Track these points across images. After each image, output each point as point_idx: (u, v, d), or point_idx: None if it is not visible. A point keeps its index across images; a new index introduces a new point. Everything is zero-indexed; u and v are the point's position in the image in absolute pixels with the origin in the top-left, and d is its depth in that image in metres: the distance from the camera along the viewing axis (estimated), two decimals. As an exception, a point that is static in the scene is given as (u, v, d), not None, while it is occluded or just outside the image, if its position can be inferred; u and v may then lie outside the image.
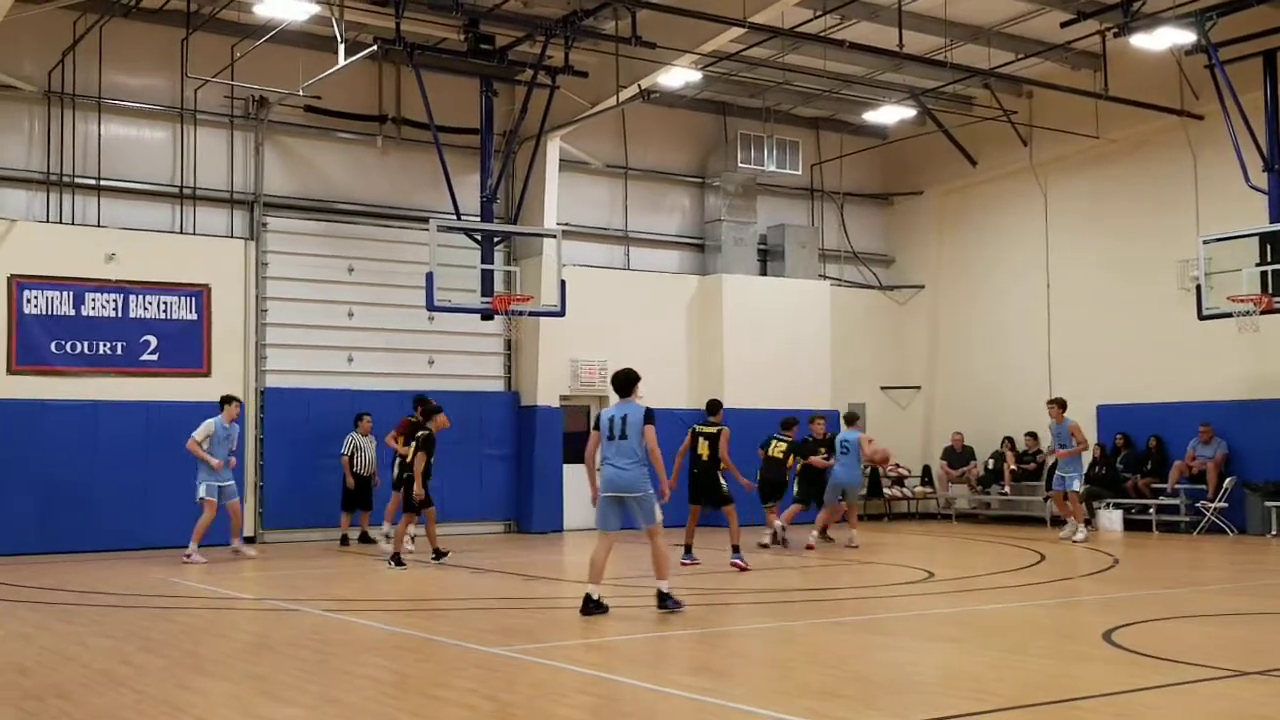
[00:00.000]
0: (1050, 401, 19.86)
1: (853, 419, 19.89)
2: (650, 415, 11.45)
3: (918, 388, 26.45)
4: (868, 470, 22.70)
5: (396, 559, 15.94)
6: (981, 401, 25.19)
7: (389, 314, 21.11)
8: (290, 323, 20.58)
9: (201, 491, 17.04)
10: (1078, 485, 19.41)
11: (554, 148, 21.88)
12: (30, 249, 18.63)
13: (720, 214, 24.52)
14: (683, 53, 19.46)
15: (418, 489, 16.06)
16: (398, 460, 17.71)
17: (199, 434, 17.04)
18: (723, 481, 16.31)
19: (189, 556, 16.65)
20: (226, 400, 17.51)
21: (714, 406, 17.02)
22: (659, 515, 11.60)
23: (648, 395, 22.95)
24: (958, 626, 11.04)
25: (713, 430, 16.42)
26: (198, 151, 20.28)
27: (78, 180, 19.38)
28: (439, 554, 16.63)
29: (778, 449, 18.48)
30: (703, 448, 16.37)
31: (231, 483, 17.41)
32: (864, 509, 25.49)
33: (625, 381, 11.75)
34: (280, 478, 20.12)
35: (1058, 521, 20.88)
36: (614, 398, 12.11)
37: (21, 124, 19.18)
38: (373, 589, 14.28)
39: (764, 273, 25.23)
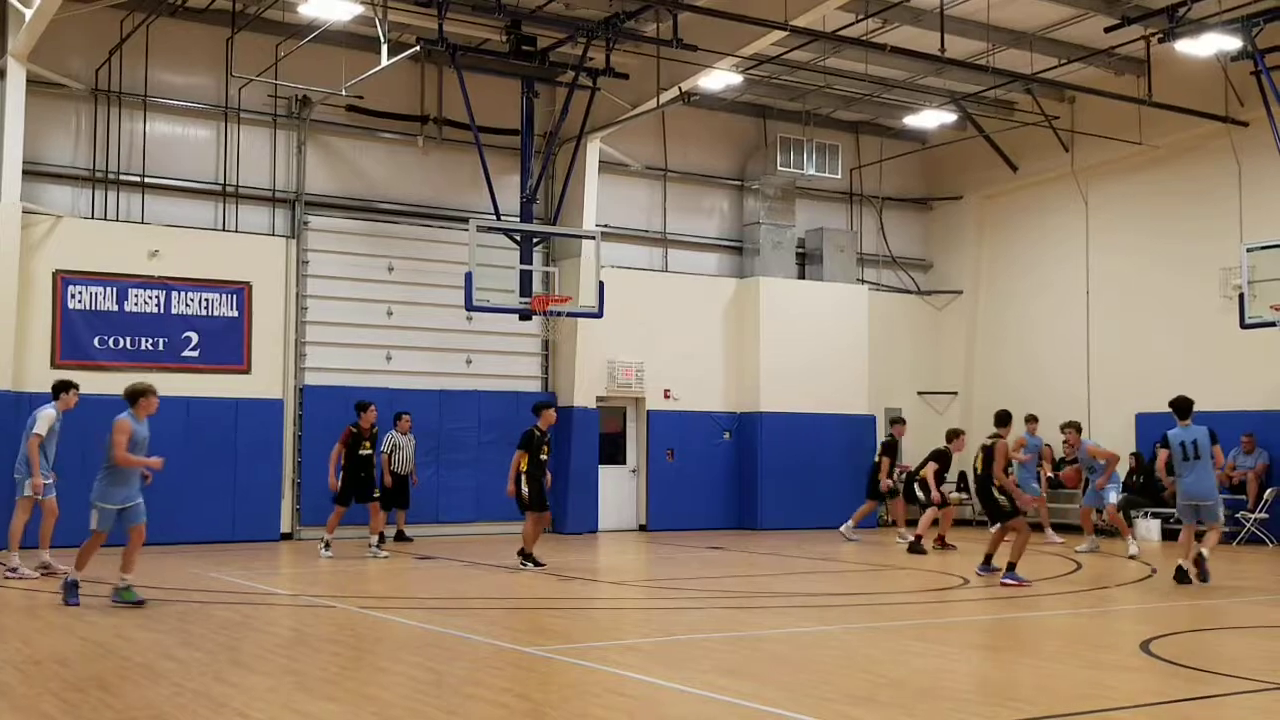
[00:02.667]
0: (1064, 426, 19.59)
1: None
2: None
3: (955, 393, 26.35)
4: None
5: (528, 557, 15.82)
6: (1019, 408, 24.96)
7: (428, 313, 21.22)
8: (330, 321, 20.71)
9: (25, 490, 14.17)
10: (1114, 497, 19.14)
11: (594, 149, 21.93)
12: (75, 245, 18.86)
13: (759, 217, 24.51)
14: (723, 55, 19.49)
15: (514, 488, 15.96)
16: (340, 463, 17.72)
17: (41, 428, 14.13)
18: (999, 496, 14.82)
19: (18, 570, 14.08)
20: (67, 387, 14.63)
21: (1001, 418, 15.37)
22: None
23: (683, 397, 23.24)
24: (993, 634, 11.00)
25: (988, 443, 15.11)
26: (241, 150, 20.46)
27: (123, 177, 19.58)
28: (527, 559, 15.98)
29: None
30: (978, 461, 15.37)
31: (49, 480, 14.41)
32: (890, 513, 25.45)
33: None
34: (318, 475, 20.20)
35: (1108, 532, 20.43)
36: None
37: (69, 121, 19.39)
38: (408, 587, 14.35)
39: (802, 276, 25.20)
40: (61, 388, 14.57)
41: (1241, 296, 19.31)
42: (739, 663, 9.28)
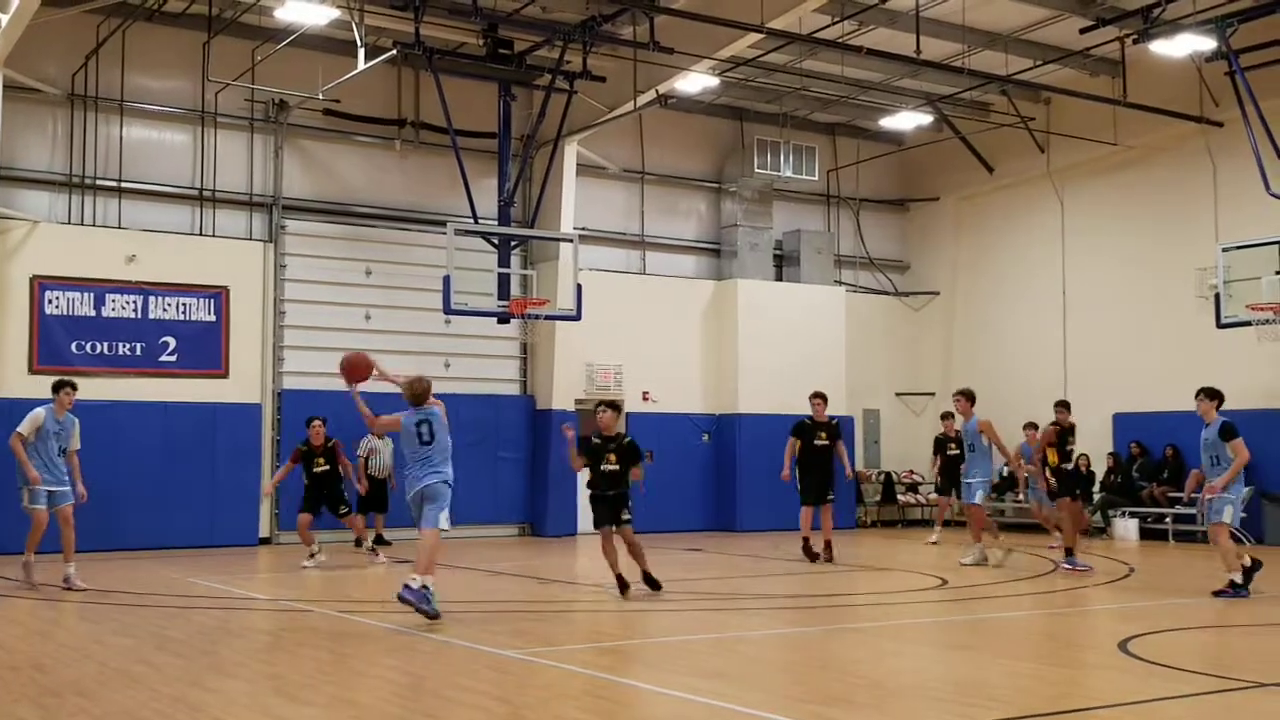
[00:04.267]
0: (956, 394, 17.92)
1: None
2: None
3: (932, 394, 26.42)
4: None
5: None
6: (996, 409, 25.00)
7: (406, 317, 21.18)
8: (308, 325, 20.66)
9: (25, 499, 13.52)
10: (980, 496, 17.31)
11: (571, 152, 21.93)
12: (52, 250, 18.78)
13: (736, 219, 24.56)
14: (700, 58, 19.51)
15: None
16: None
17: (24, 427, 13.52)
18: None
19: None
20: (59, 386, 13.91)
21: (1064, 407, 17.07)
22: None
23: (662, 399, 23.25)
24: (971, 634, 11.04)
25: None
26: (218, 154, 20.40)
27: (99, 182, 19.51)
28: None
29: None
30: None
31: (66, 487, 13.80)
32: (878, 515, 25.57)
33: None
34: (295, 479, 20.12)
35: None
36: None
37: (44, 126, 19.31)
38: (387, 590, 14.31)
39: (779, 278, 25.25)
40: (57, 387, 13.85)
41: (1218, 296, 19.43)
42: (718, 664, 9.29)
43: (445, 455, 11.19)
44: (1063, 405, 17.11)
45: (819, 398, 17.46)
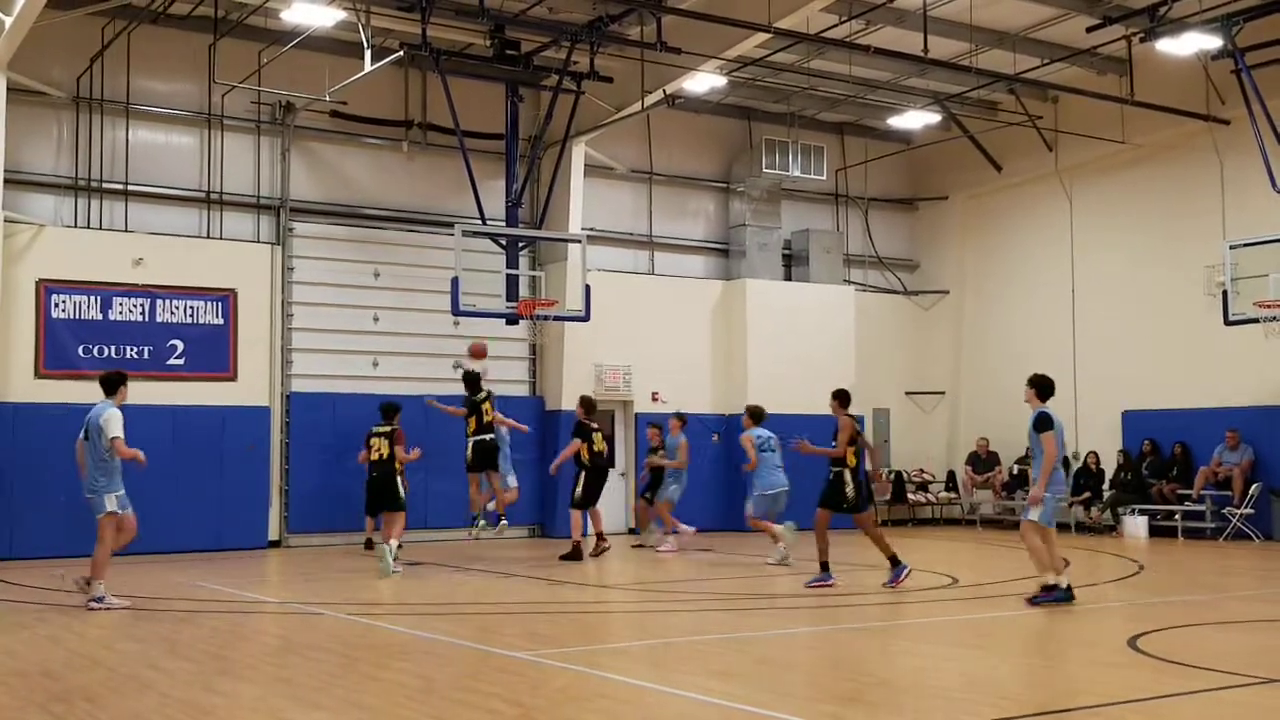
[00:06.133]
0: (672, 416, 19.71)
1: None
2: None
3: (942, 393, 26.39)
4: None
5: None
6: (1006, 407, 25.03)
7: (414, 319, 21.19)
8: (316, 327, 20.68)
9: (113, 504, 12.39)
10: (673, 491, 18.71)
11: (579, 153, 21.92)
12: (58, 254, 18.79)
13: (745, 219, 24.54)
14: (708, 58, 19.50)
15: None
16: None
17: (117, 428, 12.26)
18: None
19: (99, 600, 12.30)
20: (121, 379, 12.81)
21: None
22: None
23: (671, 400, 23.24)
24: (982, 633, 11.02)
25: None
26: (225, 157, 20.42)
27: (105, 185, 19.52)
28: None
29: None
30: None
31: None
32: (888, 514, 25.52)
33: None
34: (304, 482, 20.20)
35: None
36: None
37: (50, 129, 19.33)
38: (397, 593, 14.33)
39: (788, 278, 25.23)
40: (120, 380, 12.68)
41: (1225, 293, 19.41)
42: (728, 665, 9.28)
43: None
44: (836, 397, 14.69)
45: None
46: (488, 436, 17.11)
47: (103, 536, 12.30)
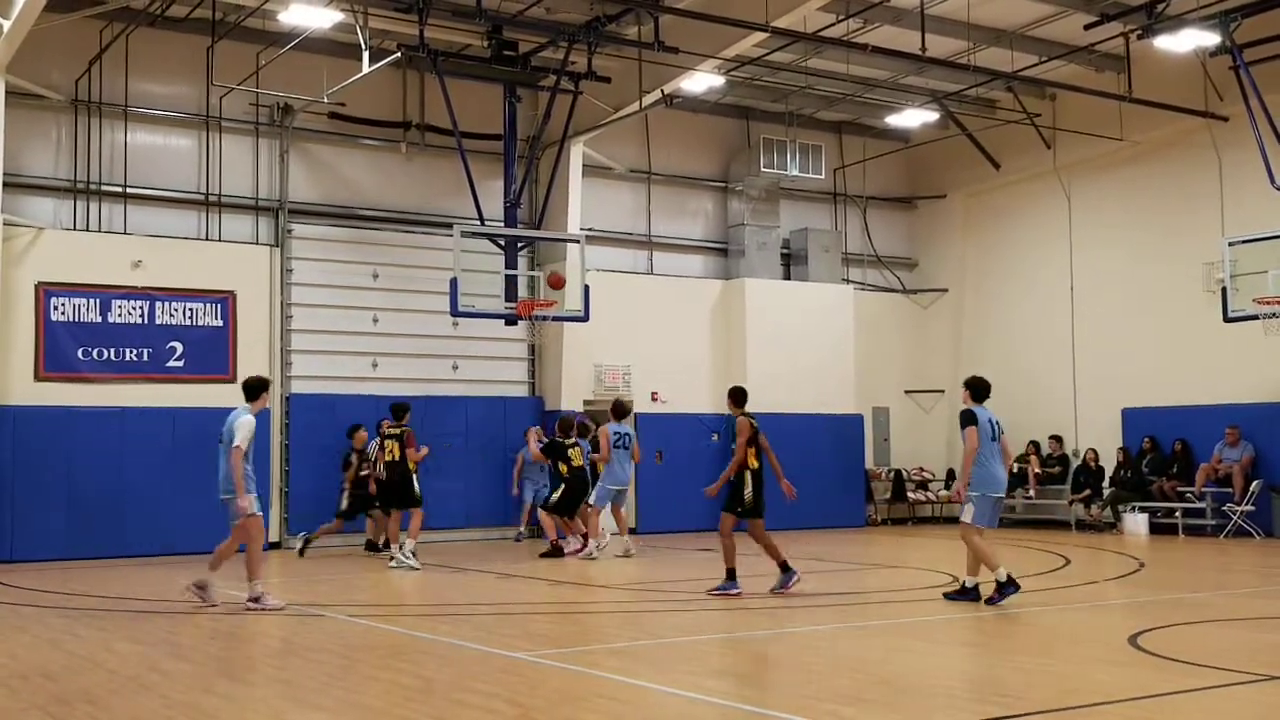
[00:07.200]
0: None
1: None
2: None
3: (941, 391, 26.38)
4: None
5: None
6: (1005, 405, 25.02)
7: (413, 319, 21.20)
8: (315, 329, 20.68)
9: (255, 505, 12.69)
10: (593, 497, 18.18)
11: (577, 153, 21.92)
12: (57, 256, 18.81)
13: (743, 218, 24.55)
14: (705, 58, 19.50)
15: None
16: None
17: (240, 437, 12.53)
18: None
19: (258, 601, 12.45)
20: (263, 385, 13.06)
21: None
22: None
23: (670, 399, 23.24)
24: (982, 631, 11.01)
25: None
26: (223, 159, 20.42)
27: (104, 188, 19.53)
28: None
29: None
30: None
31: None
32: (888, 513, 25.53)
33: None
34: (304, 483, 20.19)
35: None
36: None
37: (49, 132, 19.33)
38: (397, 594, 14.33)
39: (787, 277, 25.23)
40: (262, 386, 12.87)
41: (1225, 290, 19.41)
42: (728, 664, 9.28)
43: None
44: (731, 396, 14.04)
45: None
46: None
47: (252, 535, 12.65)
